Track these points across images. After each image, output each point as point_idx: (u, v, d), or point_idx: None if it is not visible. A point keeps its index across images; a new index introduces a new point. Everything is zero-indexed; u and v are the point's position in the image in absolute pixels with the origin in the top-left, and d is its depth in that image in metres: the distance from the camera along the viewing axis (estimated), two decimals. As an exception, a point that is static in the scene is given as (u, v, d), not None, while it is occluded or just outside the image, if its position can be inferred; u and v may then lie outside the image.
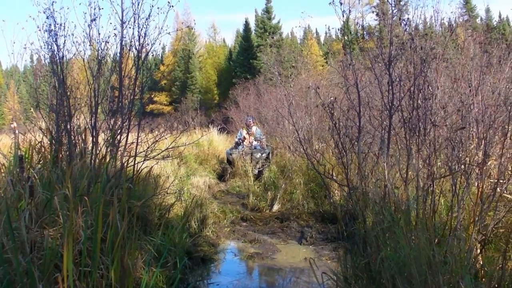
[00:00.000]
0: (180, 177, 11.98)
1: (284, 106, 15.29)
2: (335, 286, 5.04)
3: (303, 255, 7.98)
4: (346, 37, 7.35)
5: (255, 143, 17.18)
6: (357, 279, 5.04)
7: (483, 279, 4.18)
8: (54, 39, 6.61)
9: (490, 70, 6.19)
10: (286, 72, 21.88)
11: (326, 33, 78.26)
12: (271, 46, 53.54)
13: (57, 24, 6.57)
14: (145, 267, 5.37)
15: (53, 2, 6.54)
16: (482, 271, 4.31)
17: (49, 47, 6.66)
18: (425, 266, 3.66)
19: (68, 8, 6.64)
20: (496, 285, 3.85)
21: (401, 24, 6.31)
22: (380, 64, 6.04)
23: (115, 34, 6.66)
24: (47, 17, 6.58)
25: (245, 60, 59.48)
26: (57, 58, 6.58)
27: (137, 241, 5.25)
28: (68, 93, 6.45)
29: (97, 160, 6.12)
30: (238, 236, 9.31)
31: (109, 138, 6.32)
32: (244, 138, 17.22)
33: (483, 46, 6.67)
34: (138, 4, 6.53)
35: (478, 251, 4.62)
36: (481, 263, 4.49)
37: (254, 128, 17.57)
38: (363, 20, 61.18)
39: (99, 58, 6.56)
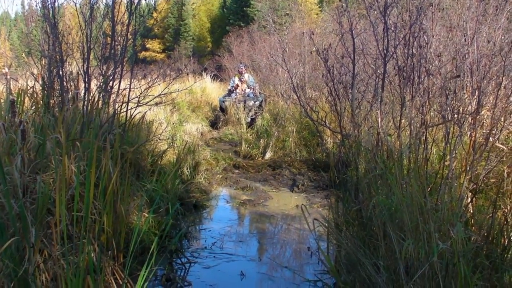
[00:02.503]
0: (173, 124, 11.97)
1: (278, 53, 15.18)
2: (326, 232, 5.08)
3: (294, 202, 8.04)
4: (341, -16, 7.27)
5: (248, 90, 17.11)
6: (348, 226, 5.08)
7: (473, 227, 4.21)
8: (46, -17, 6.52)
9: (486, 20, 6.14)
10: (280, 20, 21.71)
11: (321, -20, 77.38)
12: (266, -6, 53.06)
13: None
14: (137, 212, 5.40)
15: None
16: (473, 219, 4.34)
17: (41, -9, 6.57)
18: (417, 213, 3.67)
19: (59, -49, 6.53)
20: (486, 234, 3.88)
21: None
22: (375, 12, 5.98)
23: (107, -21, 6.57)
24: (38, -39, 6.48)
25: (239, 7, 58.93)
26: (49, 2, 6.48)
27: (129, 186, 5.25)
28: (60, 39, 6.37)
29: (90, 106, 6.08)
30: (230, 183, 9.36)
31: (101, 84, 6.27)
32: (237, 85, 17.14)
33: (480, -6, 6.61)
34: None
35: (469, 199, 4.65)
36: (472, 211, 4.52)
37: (246, 75, 17.48)
38: (358, -33, 60.49)
39: (91, 3, 6.47)
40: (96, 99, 6.20)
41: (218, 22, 65.30)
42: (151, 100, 6.84)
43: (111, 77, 6.31)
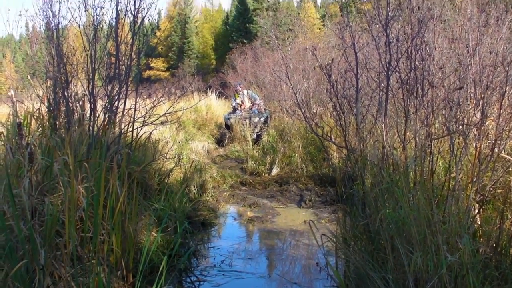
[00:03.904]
0: (179, 142, 11.99)
1: (281, 69, 15.21)
2: (334, 247, 5.08)
3: (302, 218, 8.03)
4: (342, -1, 7.31)
5: (253, 107, 17.11)
6: (356, 240, 5.08)
7: (481, 239, 4.22)
8: (49, 6, 6.56)
9: (487, 31, 6.16)
10: (283, 35, 21.74)
11: (322, -5, 77.64)
12: (268, 10, 53.26)
13: (52, -10, 6.52)
14: (146, 232, 5.41)
15: (47, -32, 6.48)
16: (480, 230, 4.34)
17: (44, 13, 6.62)
18: (424, 226, 3.68)
19: (62, -26, 6.58)
20: (494, 244, 3.88)
21: (398, -15, 6.27)
22: (377, 25, 6.01)
23: (110, 0, 6.61)
24: (41, -16, 6.53)
25: (242, 24, 59.14)
26: (53, 25, 6.54)
27: (137, 206, 5.27)
28: (65, 60, 6.42)
29: (96, 127, 6.11)
30: (238, 200, 9.36)
31: (107, 104, 6.30)
32: (242, 102, 17.15)
33: (481, 6, 6.63)
34: (133, -32, 6.47)
35: (476, 211, 4.65)
36: (479, 222, 4.52)
37: (245, 92, 17.49)
38: (360, -18, 60.65)
39: (95, 24, 6.51)
40: (102, 119, 6.23)
41: (221, 39, 65.50)
42: (156, 119, 6.87)
43: (116, 97, 6.34)
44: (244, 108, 16.94)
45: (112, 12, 6.64)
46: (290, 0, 70.94)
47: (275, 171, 11.53)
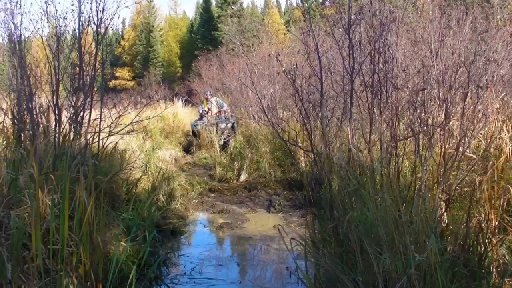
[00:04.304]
0: (146, 151, 11.94)
1: (247, 76, 15.24)
2: (304, 251, 5.10)
3: (272, 222, 8.04)
4: (305, 4, 7.35)
5: (217, 112, 17.09)
6: (326, 243, 5.11)
7: (449, 237, 4.26)
8: (11, 17, 6.50)
9: (449, 32, 6.24)
10: (248, 41, 21.83)
11: (287, 1, 77.94)
12: (232, 17, 53.34)
13: (13, 2, 6.46)
14: (114, 242, 5.37)
15: (8, -21, 6.42)
16: (448, 229, 4.39)
17: (6, 25, 6.56)
18: (392, 227, 3.72)
19: (23, -15, 6.52)
20: (462, 243, 3.93)
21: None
22: (340, 30, 6.06)
23: (72, 10, 6.56)
24: (2, -5, 6.47)
25: (207, 31, 59.12)
26: (15, 36, 6.48)
27: (105, 216, 5.23)
28: (28, 72, 6.36)
29: (61, 138, 6.06)
30: (207, 207, 9.35)
31: (72, 115, 6.26)
32: (208, 109, 17.11)
33: (442, 8, 6.71)
34: (95, -22, 6.44)
35: (443, 210, 4.70)
36: (447, 221, 4.57)
37: (214, 99, 17.47)
38: (323, -13, 61.02)
39: (58, 35, 6.47)
40: (67, 130, 6.18)
41: (186, 47, 65.37)
42: (122, 129, 6.84)
43: (81, 108, 6.30)
44: (211, 115, 16.91)
45: (75, 23, 6.60)
46: (255, 6, 71.15)
47: (243, 177, 11.54)
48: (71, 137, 6.11)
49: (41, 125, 6.34)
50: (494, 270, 3.90)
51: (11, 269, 3.54)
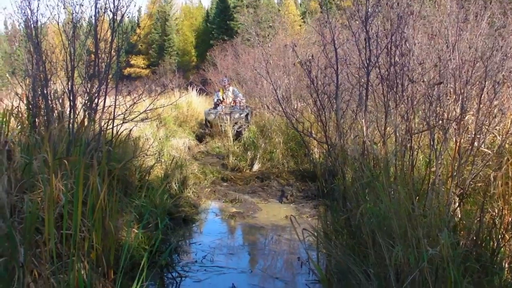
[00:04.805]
0: (160, 139, 11.94)
1: (262, 66, 15.20)
2: (315, 242, 5.09)
3: (284, 213, 8.04)
4: (322, -5, 7.31)
5: (232, 102, 17.04)
6: (338, 235, 5.10)
7: (462, 232, 4.24)
8: (28, 3, 6.50)
9: (467, 26, 6.20)
10: (264, 32, 21.73)
11: (303, -8, 77.67)
12: (248, 7, 53.17)
13: (31, -13, 6.46)
14: (126, 228, 5.38)
15: (25, -35, 6.42)
16: (461, 224, 4.37)
17: (23, 11, 6.56)
18: (405, 220, 3.70)
19: (40, -29, 6.52)
20: (474, 237, 3.91)
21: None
22: (357, 22, 6.03)
23: (89, -4, 6.57)
24: (19, -19, 6.47)
25: (222, 21, 59.09)
26: (31, 22, 6.48)
27: (118, 203, 5.25)
28: (44, 58, 6.37)
29: (76, 124, 6.08)
30: (219, 196, 9.36)
31: (86, 102, 6.27)
32: (223, 99, 17.06)
33: (460, 2, 6.66)
34: (113, -35, 6.43)
35: (457, 204, 4.68)
36: (460, 216, 4.55)
37: (231, 89, 17.42)
38: (340, -22, 60.68)
39: (74, 21, 6.46)
40: (82, 117, 6.19)
41: (202, 36, 65.38)
42: (137, 116, 6.84)
43: (96, 95, 6.31)
44: (226, 104, 16.87)
45: (91, 10, 6.60)
46: (271, -3, 70.98)
47: (256, 166, 11.54)
48: (86, 124, 6.13)
49: (56, 111, 6.35)
50: (506, 266, 3.87)
51: (24, 252, 3.56)
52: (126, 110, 6.75)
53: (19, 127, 6.14)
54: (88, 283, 3.87)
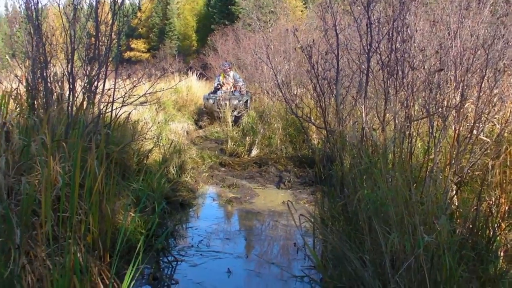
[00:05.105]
0: (159, 123, 11.93)
1: (262, 51, 15.18)
2: (312, 228, 5.10)
3: (281, 199, 8.05)
4: (324, -20, 7.27)
5: (232, 87, 16.98)
6: (334, 221, 5.10)
7: (458, 220, 4.24)
8: (28, -15, 6.48)
9: (469, 14, 6.17)
10: (265, 17, 21.72)
11: (305, -23, 77.32)
12: (249, -9, 53.02)
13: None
14: (123, 212, 5.39)
15: None
16: (458, 211, 4.37)
17: (24, -7, 6.53)
18: (402, 206, 3.69)
19: (41, -48, 6.49)
20: (471, 226, 3.91)
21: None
22: (359, 7, 6.01)
23: (90, -21, 6.54)
24: (21, -37, 6.44)
25: (224, 6, 58.79)
26: (32, 4, 6.45)
27: (115, 186, 5.25)
28: (44, 40, 6.34)
29: (74, 107, 6.06)
30: (217, 181, 9.37)
31: (86, 84, 6.25)
32: (223, 83, 17.01)
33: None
34: None
35: (454, 192, 4.67)
36: (457, 204, 4.54)
37: (231, 74, 17.36)
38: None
39: (75, 4, 6.44)
40: (81, 99, 6.18)
41: (203, 20, 65.11)
42: (136, 100, 6.83)
43: (95, 78, 6.29)
44: (226, 89, 16.83)
45: (92, -8, 6.57)
46: (272, -18, 70.62)
47: (254, 152, 11.54)
48: (84, 106, 6.11)
49: (55, 94, 6.34)
50: (502, 254, 3.88)
51: (20, 234, 3.56)
52: (125, 94, 6.74)
53: (18, 109, 6.13)
54: (84, 265, 3.87)
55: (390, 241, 3.59)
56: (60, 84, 6.41)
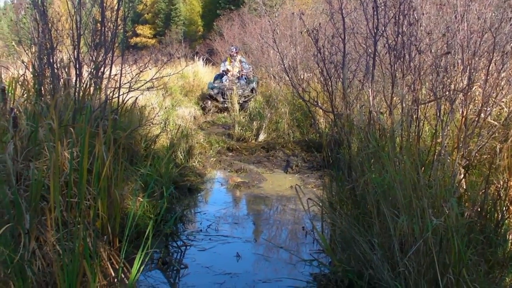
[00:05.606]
0: (166, 108, 11.93)
1: (269, 36, 15.14)
2: (320, 212, 5.10)
3: (289, 183, 8.06)
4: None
5: (238, 73, 16.93)
6: (342, 205, 5.10)
7: (467, 203, 4.24)
8: (34, -30, 6.47)
9: (476, -4, 6.14)
10: (271, 2, 21.64)
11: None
12: (255, -24, 52.78)
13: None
14: (132, 197, 5.40)
15: None
16: (466, 195, 4.36)
17: (29, -21, 6.53)
18: (410, 190, 3.69)
19: None
20: (479, 209, 3.90)
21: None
22: (365, -10, 5.98)
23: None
24: None
25: (229, -10, 58.67)
26: (37, -10, 6.45)
27: (123, 171, 5.26)
28: (50, 26, 6.34)
29: (81, 92, 6.07)
30: (224, 166, 9.39)
31: (92, 70, 6.25)
32: (228, 70, 16.98)
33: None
34: None
35: (462, 175, 4.66)
36: (465, 187, 4.54)
37: (238, 58, 17.33)
38: None
39: (80, -11, 6.43)
40: (87, 85, 6.18)
41: (208, 6, 64.91)
42: (143, 85, 6.83)
43: (102, 63, 6.29)
44: (232, 74, 16.80)
45: (97, -23, 6.55)
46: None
47: (261, 137, 11.55)
48: (91, 92, 6.12)
49: (62, 79, 6.34)
50: (510, 237, 3.88)
51: (29, 219, 3.58)
52: (132, 79, 6.74)
53: (25, 95, 6.13)
54: (93, 250, 3.89)
55: (398, 224, 3.60)
56: (66, 70, 6.41)
